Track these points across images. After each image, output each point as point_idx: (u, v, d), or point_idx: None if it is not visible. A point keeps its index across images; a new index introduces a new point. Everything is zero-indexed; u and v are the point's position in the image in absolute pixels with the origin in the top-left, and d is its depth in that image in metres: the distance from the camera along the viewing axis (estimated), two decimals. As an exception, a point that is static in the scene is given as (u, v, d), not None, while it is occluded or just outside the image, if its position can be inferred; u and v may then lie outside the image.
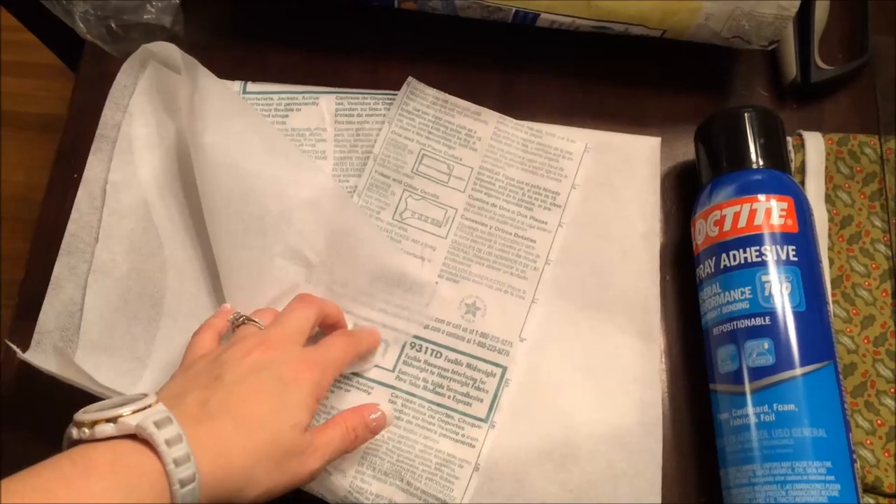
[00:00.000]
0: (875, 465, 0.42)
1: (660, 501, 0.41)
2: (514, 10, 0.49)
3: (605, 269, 0.46)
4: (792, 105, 0.52)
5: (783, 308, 0.40)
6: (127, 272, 0.45)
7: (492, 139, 0.48)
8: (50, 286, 0.44)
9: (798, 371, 0.38)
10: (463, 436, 0.42)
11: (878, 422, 0.43)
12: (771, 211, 0.42)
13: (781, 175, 0.43)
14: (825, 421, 0.38)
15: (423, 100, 0.48)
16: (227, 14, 0.53)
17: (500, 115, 0.49)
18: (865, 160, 0.49)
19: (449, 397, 0.43)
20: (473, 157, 0.47)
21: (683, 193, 0.49)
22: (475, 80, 0.52)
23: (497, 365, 0.44)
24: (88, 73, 0.51)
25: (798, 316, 0.40)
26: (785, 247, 0.41)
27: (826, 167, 0.49)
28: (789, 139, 0.49)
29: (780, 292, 0.40)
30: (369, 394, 0.43)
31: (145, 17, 0.50)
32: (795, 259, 0.41)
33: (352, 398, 0.43)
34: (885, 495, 0.42)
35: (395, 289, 0.44)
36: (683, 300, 0.47)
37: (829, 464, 0.37)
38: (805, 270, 0.41)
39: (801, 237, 0.41)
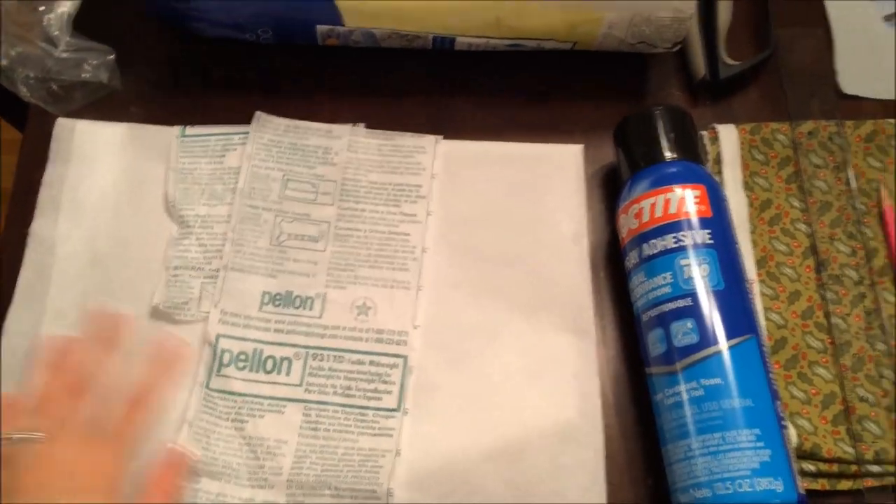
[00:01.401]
0: (813, 432, 0.44)
1: (604, 489, 0.43)
2: (430, 36, 0.51)
3: (537, 271, 0.48)
4: (706, 101, 0.54)
5: (703, 288, 0.42)
6: (76, 320, 0.46)
7: (348, 151, 0.51)
8: (3, 334, 0.46)
9: (721, 346, 0.40)
10: (380, 428, 0.44)
11: (813, 391, 0.45)
12: (684, 199, 0.44)
13: (693, 165, 0.46)
14: (751, 391, 0.40)
15: (275, 130, 0.51)
16: (163, 63, 0.55)
17: (351, 126, 0.51)
18: (779, 146, 0.52)
19: (359, 396, 0.45)
20: (334, 171, 0.50)
21: (610, 193, 0.51)
22: (407, 106, 0.54)
23: (397, 356, 0.46)
24: (34, 133, 0.53)
25: (717, 295, 0.41)
26: (700, 231, 0.43)
27: (742, 156, 0.51)
28: (704, 133, 0.52)
29: (698, 274, 0.42)
30: (283, 413, 0.44)
31: (83, 75, 0.52)
32: (711, 242, 0.43)
33: (267, 421, 0.44)
34: (825, 460, 0.43)
35: (286, 307, 0.46)
36: (618, 293, 0.48)
37: (758, 431, 0.39)
38: (721, 252, 0.43)
39: (715, 221, 0.44)
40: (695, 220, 0.43)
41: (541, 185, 0.50)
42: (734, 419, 0.39)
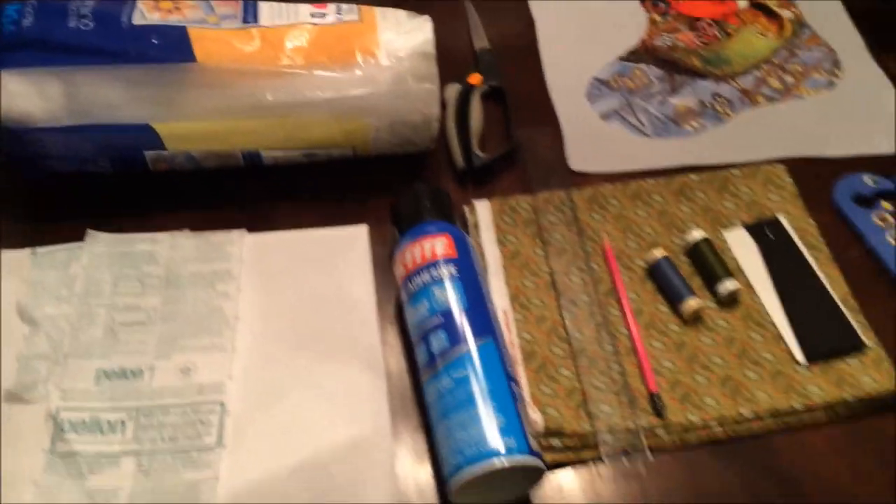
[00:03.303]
0: (559, 417, 0.54)
1: (394, 484, 0.52)
2: (240, 153, 0.64)
3: (333, 325, 0.59)
4: (471, 186, 0.69)
5: (450, 308, 0.53)
6: None
7: (169, 251, 0.62)
8: None
9: (465, 347, 0.51)
10: (202, 463, 0.52)
11: (558, 388, 0.56)
12: (435, 246, 0.56)
13: (443, 223, 0.59)
14: (490, 377, 0.50)
15: (106, 243, 0.62)
16: (19, 197, 0.66)
17: (170, 233, 0.63)
18: (523, 211, 0.66)
19: (184, 440, 0.53)
20: (159, 268, 0.61)
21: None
22: (227, 213, 0.66)
23: (215, 402, 0.55)
24: None
25: (461, 311, 0.53)
26: (448, 266, 0.55)
27: (494, 221, 0.65)
28: (467, 208, 0.66)
29: (446, 298, 0.54)
30: (118, 465, 0.52)
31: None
32: (457, 274, 0.55)
33: (105, 473, 0.52)
34: (569, 436, 0.54)
35: (119, 380, 0.56)
36: (406, 333, 0.59)
37: (495, 404, 0.49)
38: (465, 281, 0.55)
39: (459, 260, 0.56)
40: (443, 260, 0.55)
41: (334, 259, 0.62)
42: (477, 398, 0.49)
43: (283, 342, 0.58)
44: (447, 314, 0.53)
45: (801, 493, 0.52)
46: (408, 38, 0.62)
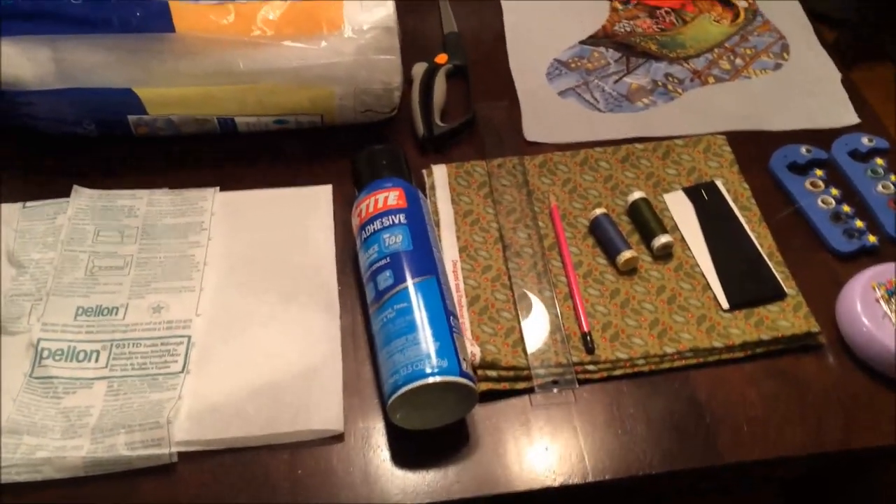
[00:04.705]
0: (497, 353, 0.59)
1: (340, 410, 0.56)
2: (215, 118, 0.70)
3: (295, 271, 0.64)
4: (431, 153, 0.74)
5: (397, 251, 0.58)
6: None
7: (147, 206, 0.68)
8: None
9: (407, 283, 0.56)
10: (167, 386, 0.57)
11: (499, 327, 0.61)
12: (388, 197, 0.61)
13: (396, 179, 0.64)
14: (429, 309, 0.55)
15: (90, 197, 0.68)
16: (12, 158, 0.72)
17: (149, 190, 0.69)
18: (477, 175, 0.71)
19: (152, 367, 0.58)
20: (137, 220, 0.67)
21: (356, 218, 0.68)
22: (203, 175, 0.71)
23: (182, 336, 0.60)
24: None
25: (407, 253, 0.58)
26: (397, 215, 0.60)
27: (450, 183, 0.70)
28: (425, 171, 0.71)
29: (394, 242, 0.58)
30: (91, 388, 0.57)
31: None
32: (405, 221, 0.60)
33: (79, 395, 0.57)
34: (504, 368, 0.58)
35: (96, 316, 0.61)
36: (361, 281, 0.64)
37: (432, 331, 0.54)
38: (412, 227, 0.60)
39: (409, 209, 0.61)
40: (394, 209, 0.60)
41: (299, 213, 0.68)
42: (416, 326, 0.54)
43: (248, 284, 0.63)
44: (394, 255, 0.58)
45: (715, 416, 0.56)
46: (370, 13, 0.68)
